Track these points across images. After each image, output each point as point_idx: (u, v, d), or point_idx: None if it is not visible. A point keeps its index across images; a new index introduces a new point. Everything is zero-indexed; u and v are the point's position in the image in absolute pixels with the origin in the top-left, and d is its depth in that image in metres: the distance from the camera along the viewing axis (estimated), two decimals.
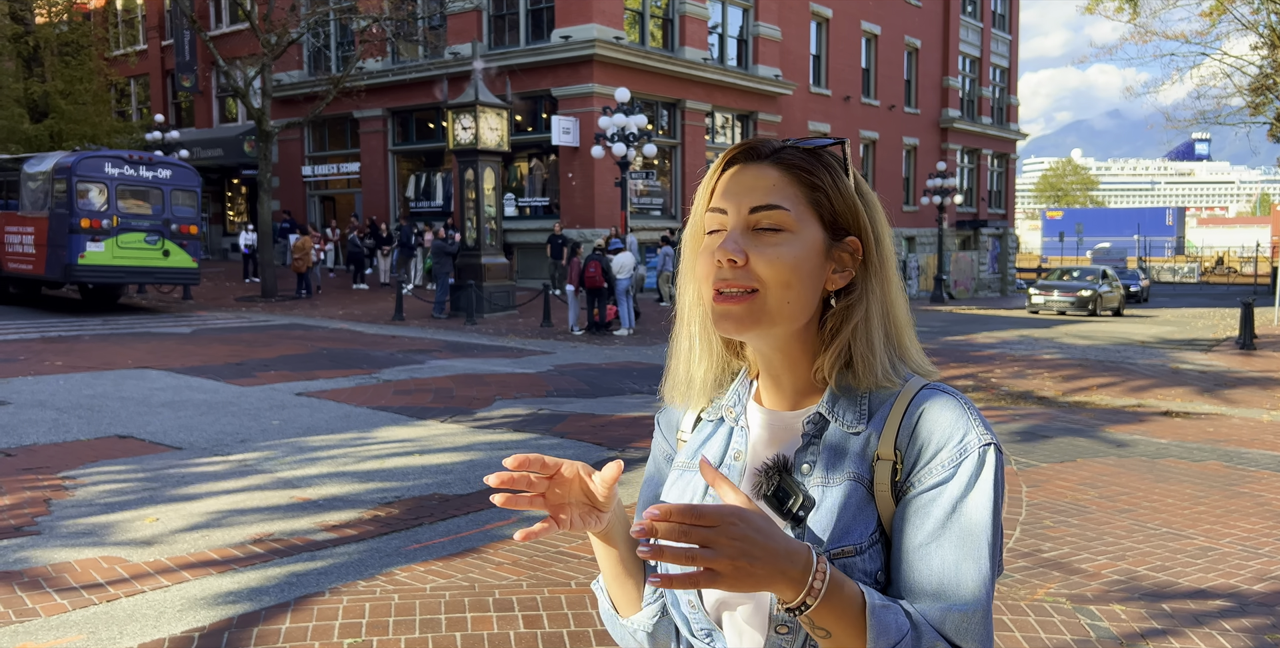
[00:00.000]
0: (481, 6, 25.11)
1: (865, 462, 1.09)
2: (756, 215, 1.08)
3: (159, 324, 16.55)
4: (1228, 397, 10.91)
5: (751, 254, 1.07)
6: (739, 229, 1.09)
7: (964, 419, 1.07)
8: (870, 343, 1.11)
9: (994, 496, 1.05)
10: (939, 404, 1.09)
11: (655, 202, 25.65)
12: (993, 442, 1.07)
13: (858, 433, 1.10)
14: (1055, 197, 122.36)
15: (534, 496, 1.04)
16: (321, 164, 29.92)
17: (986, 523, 1.04)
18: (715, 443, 1.20)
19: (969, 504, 1.04)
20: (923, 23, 37.05)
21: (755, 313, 1.08)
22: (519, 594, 4.26)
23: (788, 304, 1.08)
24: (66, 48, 29.16)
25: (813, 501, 1.08)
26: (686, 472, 1.21)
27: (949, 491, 1.05)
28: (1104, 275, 28.10)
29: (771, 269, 1.07)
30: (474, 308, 17.75)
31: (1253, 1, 24.55)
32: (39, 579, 4.41)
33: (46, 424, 7.95)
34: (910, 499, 1.07)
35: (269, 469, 6.61)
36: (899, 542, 1.07)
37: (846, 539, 1.05)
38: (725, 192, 1.11)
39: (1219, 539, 5.29)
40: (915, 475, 1.07)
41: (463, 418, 8.65)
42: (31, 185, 17.96)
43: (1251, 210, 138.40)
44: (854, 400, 1.12)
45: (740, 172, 1.11)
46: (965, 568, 1.03)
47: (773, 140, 1.14)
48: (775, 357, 1.15)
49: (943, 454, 1.06)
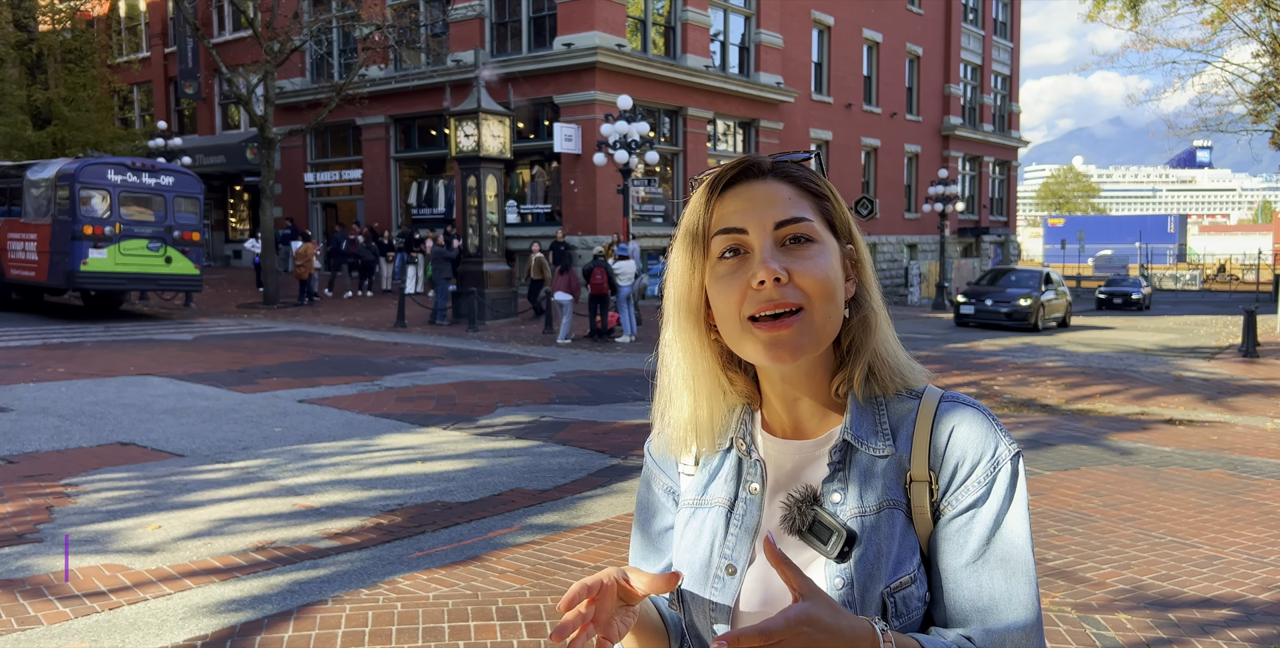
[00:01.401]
0: (484, 14, 25.17)
1: (899, 485, 1.07)
2: (785, 229, 1.04)
3: (161, 331, 16.56)
4: (1231, 404, 10.89)
5: (792, 270, 1.02)
6: (769, 246, 1.03)
7: (992, 432, 1.07)
8: (891, 351, 1.11)
9: (1026, 504, 1.06)
10: (966, 419, 1.08)
11: (657, 209, 25.67)
12: (1019, 450, 1.07)
13: (885, 456, 1.08)
14: (1057, 204, 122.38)
15: (585, 625, 0.96)
16: (324, 171, 29.96)
17: (1027, 537, 1.05)
18: (726, 477, 1.15)
19: (1009, 520, 1.05)
20: (924, 30, 37.11)
21: (807, 334, 1.02)
22: (522, 603, 4.25)
23: (830, 319, 1.05)
24: (70, 55, 29.24)
25: (854, 534, 1.05)
26: (700, 509, 1.16)
27: (988, 508, 1.05)
28: (1047, 279, 23.78)
29: (815, 283, 1.02)
30: (476, 315, 17.75)
31: (1254, 9, 24.58)
32: (41, 587, 4.40)
33: (49, 431, 7.95)
34: (950, 520, 1.06)
35: (271, 477, 6.59)
36: (942, 563, 1.06)
37: (901, 571, 1.04)
38: (739, 211, 1.06)
39: (1224, 548, 5.27)
40: (952, 495, 1.06)
41: (465, 425, 8.63)
42: (34, 192, 17.99)
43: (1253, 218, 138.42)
44: (875, 419, 1.10)
45: (746, 190, 1.07)
46: (1016, 587, 1.03)
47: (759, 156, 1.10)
48: (799, 378, 1.10)
49: (978, 471, 1.05)
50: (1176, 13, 25.74)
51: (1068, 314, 24.32)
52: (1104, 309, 32.91)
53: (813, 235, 1.05)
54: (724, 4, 27.26)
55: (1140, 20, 26.35)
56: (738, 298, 1.03)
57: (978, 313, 22.26)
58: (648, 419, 1.27)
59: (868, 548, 1.05)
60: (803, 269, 1.03)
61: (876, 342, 1.10)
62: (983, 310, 22.25)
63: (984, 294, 22.67)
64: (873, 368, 1.10)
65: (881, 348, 1.10)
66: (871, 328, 1.10)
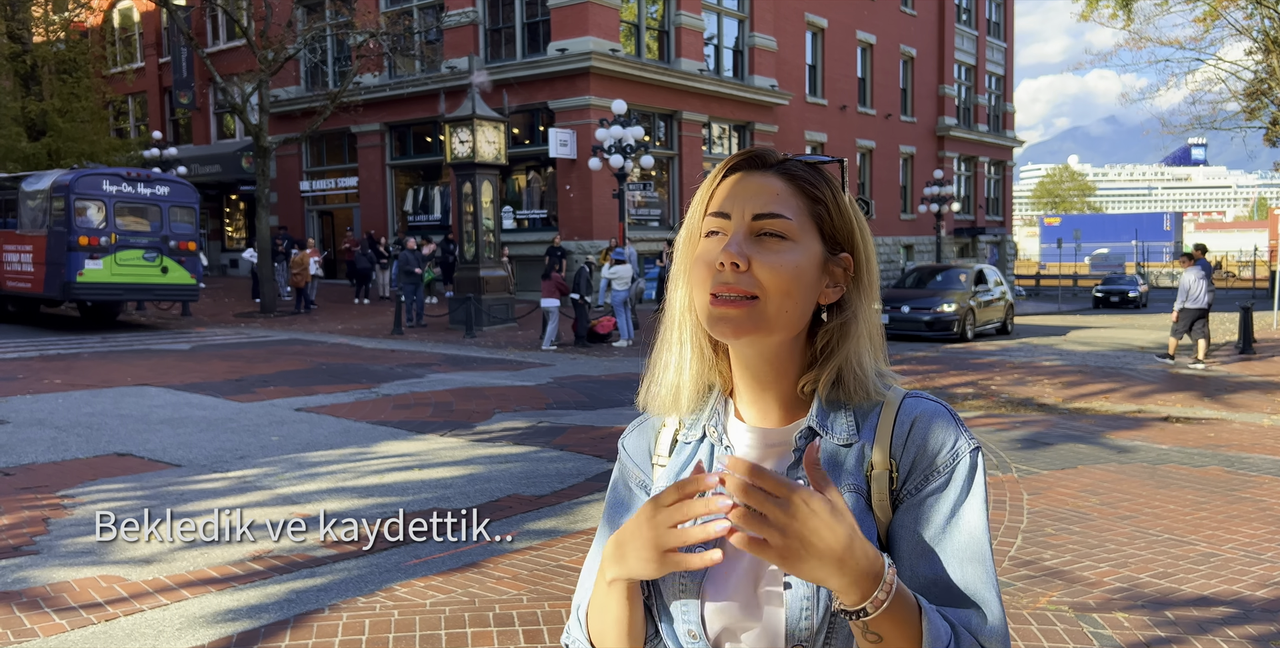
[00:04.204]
0: (478, 20, 25.20)
1: (860, 473, 1.10)
2: (761, 222, 1.08)
3: (158, 341, 16.55)
4: (1228, 401, 10.90)
5: (754, 259, 1.06)
6: (742, 234, 1.08)
7: (952, 426, 1.11)
8: (862, 362, 1.13)
9: (984, 496, 1.09)
10: (928, 413, 1.11)
11: (653, 213, 25.68)
12: (978, 445, 1.11)
13: (849, 445, 1.11)
14: (1053, 203, 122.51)
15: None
16: (319, 179, 29.96)
17: (984, 527, 1.08)
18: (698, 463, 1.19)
19: (965, 510, 1.07)
20: (918, 32, 37.16)
21: (754, 318, 1.06)
22: (519, 609, 4.25)
23: (785, 313, 1.08)
24: (64, 66, 29.25)
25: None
26: None
27: (946, 495, 1.08)
28: (980, 279, 20.38)
29: (774, 276, 1.06)
30: (473, 321, 17.75)
31: (1246, 7, 24.64)
32: (37, 599, 4.39)
33: (45, 443, 7.94)
34: (909, 505, 1.08)
35: (268, 486, 6.59)
36: (898, 548, 1.08)
37: None
38: (729, 196, 1.11)
39: (1221, 545, 5.27)
40: (911, 482, 1.09)
41: (462, 432, 8.63)
42: (30, 204, 17.99)
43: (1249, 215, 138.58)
44: (841, 413, 1.13)
45: (744, 179, 1.12)
46: (970, 570, 1.05)
47: (775, 151, 1.14)
48: (764, 368, 1.14)
49: (938, 461, 1.08)
50: (1169, 11, 25.82)
51: (1008, 318, 21.32)
52: (1101, 307, 32.94)
53: (787, 233, 1.08)
54: (717, 7, 27.29)
55: (1133, 19, 26.43)
56: (704, 274, 1.08)
57: (894, 322, 18.35)
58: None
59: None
60: (764, 261, 1.06)
61: (851, 350, 1.12)
62: (899, 319, 18.55)
63: (903, 299, 19.19)
64: (841, 375, 1.12)
65: (855, 358, 1.12)
66: (849, 335, 1.12)
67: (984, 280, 20.60)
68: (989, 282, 20.78)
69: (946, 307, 18.81)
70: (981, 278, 20.58)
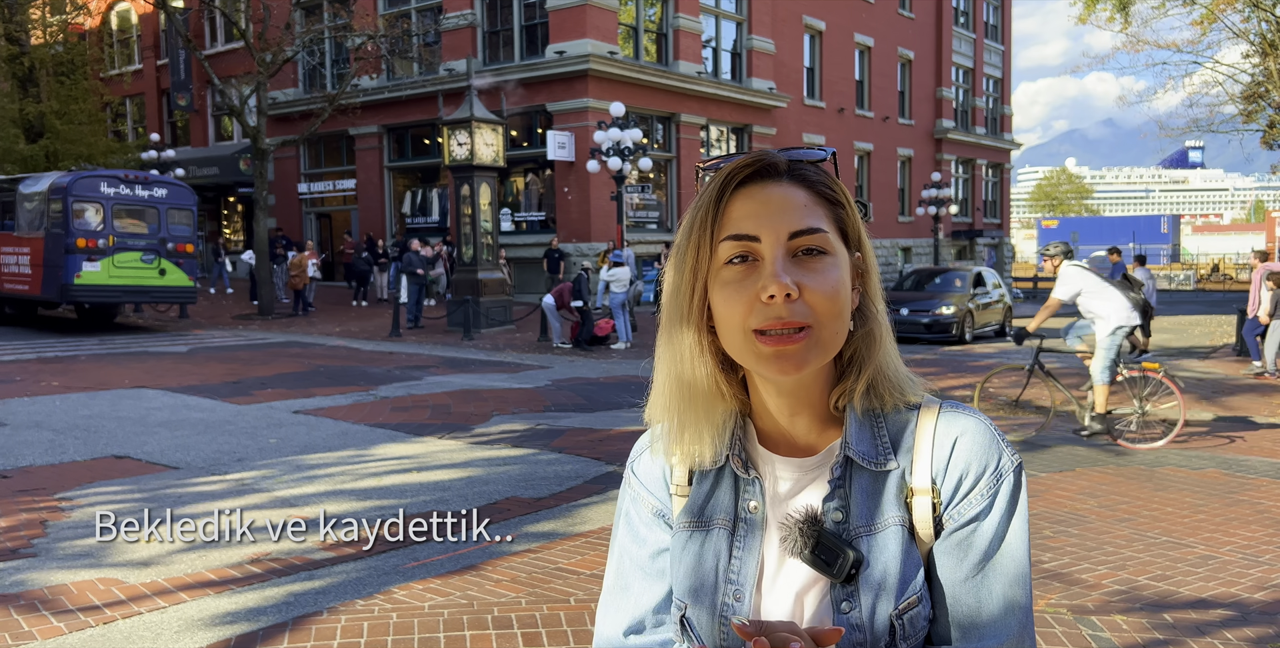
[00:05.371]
0: (476, 23, 25.21)
1: (901, 500, 1.04)
2: (799, 240, 0.99)
3: (156, 343, 16.54)
4: (1226, 404, 10.91)
5: (804, 286, 0.97)
6: (781, 257, 0.98)
7: (994, 443, 1.05)
8: (895, 368, 1.07)
9: (1027, 517, 1.05)
10: (969, 430, 1.05)
11: (651, 215, 25.69)
12: (1020, 462, 1.05)
13: (887, 471, 1.05)
14: (1050, 206, 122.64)
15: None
16: (317, 181, 29.95)
17: (1026, 551, 1.03)
18: (723, 496, 1.11)
19: (1011, 535, 1.03)
20: (915, 34, 37.21)
21: (813, 350, 0.98)
22: (518, 612, 4.24)
23: (837, 335, 1.00)
24: (62, 68, 29.23)
25: (861, 556, 1.02)
26: (697, 532, 1.11)
27: (990, 522, 1.03)
28: (979, 281, 20.53)
29: (826, 301, 0.98)
30: (471, 323, 17.75)
31: (1243, 10, 24.68)
32: (35, 602, 4.38)
33: (43, 445, 7.93)
34: (951, 533, 1.04)
35: (266, 488, 6.58)
36: (942, 576, 1.04)
37: (909, 591, 1.02)
38: (752, 215, 0.99)
39: (1219, 548, 5.28)
40: (954, 508, 1.03)
41: (461, 434, 8.63)
42: (27, 206, 17.97)
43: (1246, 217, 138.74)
44: (874, 432, 1.06)
45: (759, 192, 1.01)
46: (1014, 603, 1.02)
47: (775, 154, 1.04)
48: (799, 391, 1.05)
49: (981, 484, 1.03)
50: (1166, 14, 25.84)
51: (1007, 321, 21.13)
52: None
53: (826, 247, 1.00)
54: (716, 10, 27.32)
55: (1130, 22, 26.44)
56: (743, 309, 0.98)
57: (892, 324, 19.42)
58: (643, 426, 1.24)
59: (874, 568, 1.02)
60: (814, 285, 0.97)
61: (880, 356, 1.06)
62: (898, 321, 17.35)
63: (901, 302, 19.13)
64: (873, 382, 1.06)
65: (884, 362, 1.06)
66: (876, 341, 1.06)
67: (982, 283, 20.59)
68: (987, 284, 20.76)
69: (945, 309, 18.79)
70: (980, 280, 20.57)
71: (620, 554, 1.19)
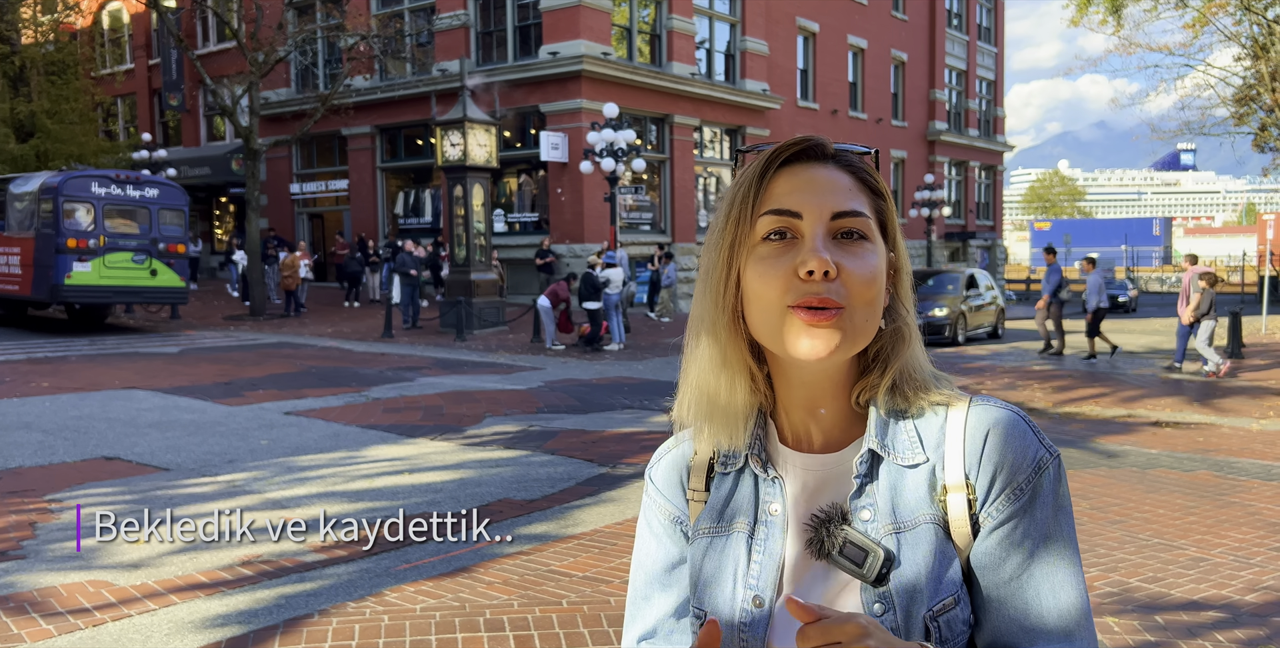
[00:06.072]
0: (469, 23, 25.19)
1: (934, 500, 1.00)
2: (841, 221, 0.97)
3: (146, 344, 16.48)
4: (1218, 406, 10.94)
5: (842, 266, 0.95)
6: (822, 235, 0.96)
7: (1030, 436, 1.00)
8: (919, 365, 1.04)
9: (1070, 509, 1.00)
10: (1001, 423, 1.00)
11: (644, 216, 25.69)
12: (1058, 453, 1.01)
13: (916, 466, 1.01)
14: (1043, 208, 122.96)
15: None
16: (310, 182, 29.89)
17: (1073, 546, 0.99)
18: (742, 497, 1.07)
19: (1053, 527, 0.98)
20: (909, 36, 37.29)
21: (844, 333, 0.95)
22: (510, 614, 4.23)
23: (869, 323, 0.97)
24: (52, 67, 29.12)
25: (893, 555, 0.98)
26: (716, 538, 1.07)
27: (1032, 518, 0.98)
28: (971, 283, 20.41)
29: (862, 286, 0.96)
30: (463, 324, 17.72)
31: (1234, 13, 24.78)
32: (25, 604, 4.36)
33: (32, 446, 7.89)
34: (990, 532, 0.99)
35: (257, 490, 6.56)
36: (984, 579, 0.99)
37: (944, 591, 0.97)
38: (794, 192, 0.98)
39: (1211, 550, 5.29)
40: (991, 506, 0.98)
41: (453, 436, 8.61)
42: (18, 206, 17.91)
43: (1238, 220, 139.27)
44: (902, 427, 1.03)
45: (805, 171, 1.00)
46: (1064, 597, 0.97)
47: (822, 138, 1.02)
48: (824, 384, 1.03)
49: (1018, 478, 0.98)
50: (1158, 17, 25.93)
51: (999, 323, 21.27)
52: None
53: (866, 233, 0.98)
54: (709, 12, 27.33)
55: (1123, 25, 26.52)
56: (780, 284, 0.95)
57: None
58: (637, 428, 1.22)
59: (906, 568, 0.97)
60: (852, 267, 0.96)
61: (907, 355, 1.03)
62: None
63: None
64: (898, 382, 1.03)
65: (910, 363, 1.04)
66: (905, 340, 1.03)
67: (975, 285, 20.57)
68: (980, 286, 20.75)
69: (938, 311, 18.77)
70: (973, 282, 20.54)
71: (638, 566, 1.17)
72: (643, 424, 9.08)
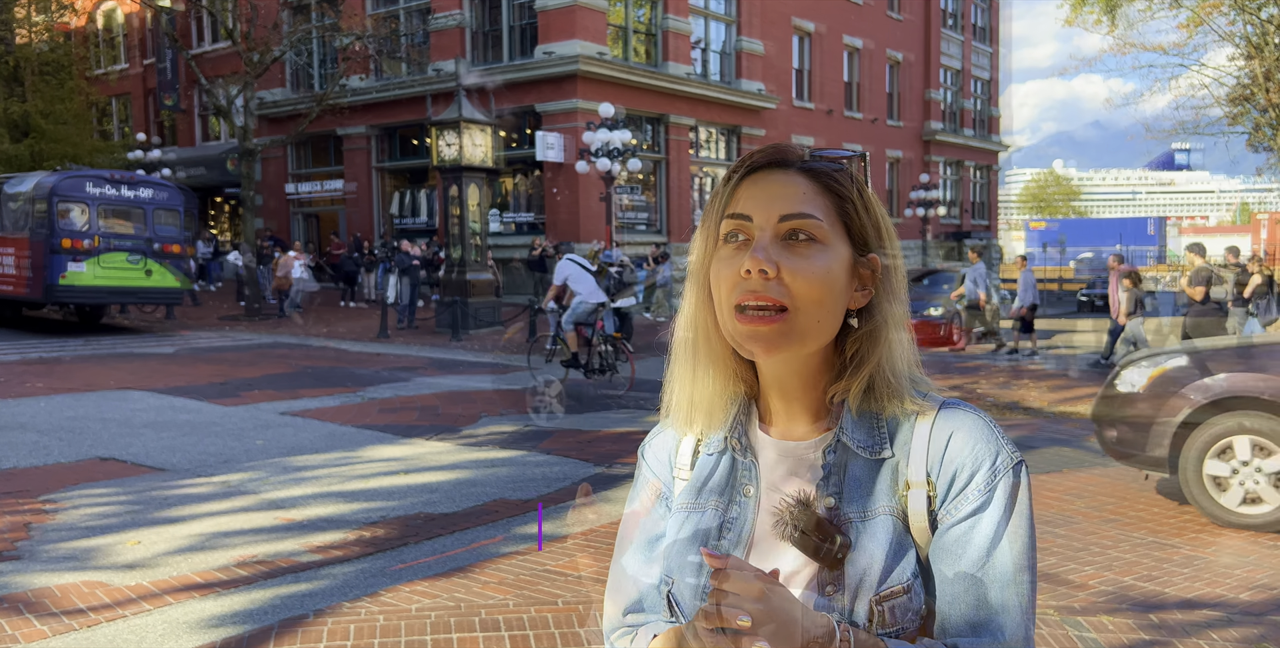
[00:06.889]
0: (465, 23, 25.18)
1: (895, 494, 1.05)
2: (788, 224, 1.02)
3: (142, 344, 16.45)
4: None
5: (783, 266, 1.00)
6: (768, 237, 1.02)
7: (993, 439, 1.04)
8: (895, 369, 1.07)
9: (1029, 514, 1.04)
10: (966, 425, 1.06)
11: (641, 216, 25.70)
12: (1022, 459, 1.05)
13: (882, 460, 1.06)
14: (1038, 207, 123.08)
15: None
16: (305, 182, 29.87)
17: (1025, 550, 1.02)
18: (720, 478, 1.13)
19: (1009, 531, 1.02)
20: (905, 36, 37.32)
21: (787, 333, 1.01)
22: (505, 614, 4.23)
23: (818, 323, 1.02)
24: (47, 67, 29.11)
25: (849, 541, 1.03)
26: (693, 513, 1.13)
27: (988, 517, 1.02)
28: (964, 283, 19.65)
29: (806, 284, 1.00)
30: (459, 324, 17.71)
31: (1229, 13, 24.82)
32: (19, 605, 4.35)
33: (27, 447, 7.87)
34: (948, 529, 1.03)
35: (253, 490, 6.55)
36: (939, 572, 1.03)
37: (893, 580, 1.02)
38: (751, 197, 1.04)
39: (1205, 548, 5.30)
40: (951, 503, 1.03)
41: (449, 436, 8.60)
42: (12, 206, 17.87)
43: (1232, 219, 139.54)
44: (873, 424, 1.07)
45: (765, 178, 1.05)
46: (1009, 600, 1.01)
47: (797, 148, 1.08)
48: (791, 379, 1.08)
49: (977, 478, 1.03)
50: (1153, 17, 25.98)
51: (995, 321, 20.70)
52: (1085, 311, 33.05)
53: (816, 234, 1.02)
54: (706, 11, 27.35)
55: (1118, 25, 26.57)
56: (729, 283, 1.02)
57: None
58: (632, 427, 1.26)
59: (860, 555, 1.02)
60: (794, 267, 1.00)
61: (882, 357, 1.06)
62: None
63: None
64: (873, 384, 1.07)
65: (887, 365, 1.06)
66: (878, 342, 1.06)
67: (974, 285, 20.02)
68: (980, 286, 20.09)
69: (933, 310, 18.80)
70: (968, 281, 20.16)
71: (624, 538, 1.22)
72: (638, 424, 9.07)
